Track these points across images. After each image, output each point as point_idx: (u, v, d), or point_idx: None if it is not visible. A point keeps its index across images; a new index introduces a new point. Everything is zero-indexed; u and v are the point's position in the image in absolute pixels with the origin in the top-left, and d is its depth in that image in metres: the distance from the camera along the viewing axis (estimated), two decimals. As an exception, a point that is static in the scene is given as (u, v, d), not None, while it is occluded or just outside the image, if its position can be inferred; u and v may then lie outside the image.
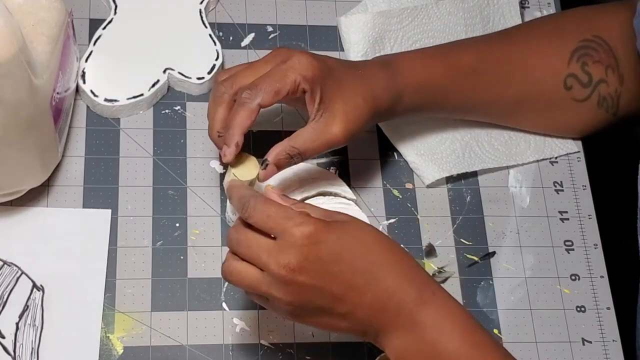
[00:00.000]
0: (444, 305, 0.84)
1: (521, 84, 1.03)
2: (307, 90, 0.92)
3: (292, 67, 0.91)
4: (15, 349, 0.93)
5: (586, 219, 1.07)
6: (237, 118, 0.91)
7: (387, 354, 0.84)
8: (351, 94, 0.94)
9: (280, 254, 0.81)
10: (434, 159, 1.07)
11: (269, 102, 0.91)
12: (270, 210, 0.83)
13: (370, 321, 0.83)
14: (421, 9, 1.12)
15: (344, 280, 0.82)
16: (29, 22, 0.93)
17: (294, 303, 0.83)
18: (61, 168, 1.02)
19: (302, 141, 0.92)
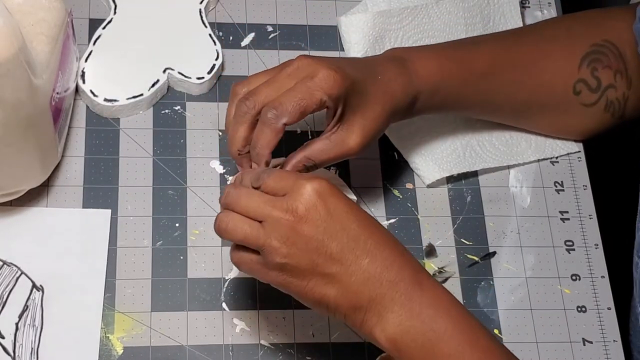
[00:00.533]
0: (436, 290, 0.83)
1: (532, 88, 1.04)
2: (331, 107, 0.91)
3: (319, 86, 0.89)
4: (14, 349, 0.93)
5: (587, 219, 1.07)
6: (264, 138, 0.89)
7: (377, 335, 0.82)
8: (372, 105, 0.93)
9: (286, 202, 0.81)
10: (435, 158, 1.07)
11: (294, 121, 0.89)
12: (283, 173, 0.84)
13: (362, 292, 0.81)
14: (421, 8, 1.12)
15: (344, 239, 0.81)
16: (29, 22, 0.92)
17: (290, 255, 0.81)
18: (61, 168, 1.02)
19: (317, 153, 0.92)
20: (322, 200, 0.82)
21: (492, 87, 1.03)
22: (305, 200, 0.81)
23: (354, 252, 0.82)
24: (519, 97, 1.04)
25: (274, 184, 0.83)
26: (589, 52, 1.03)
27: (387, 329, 0.82)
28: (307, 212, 0.81)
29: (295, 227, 0.81)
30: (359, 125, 0.92)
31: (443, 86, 0.99)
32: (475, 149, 1.08)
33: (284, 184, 0.83)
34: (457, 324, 0.82)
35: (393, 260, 0.82)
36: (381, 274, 0.82)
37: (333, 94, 0.89)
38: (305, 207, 0.81)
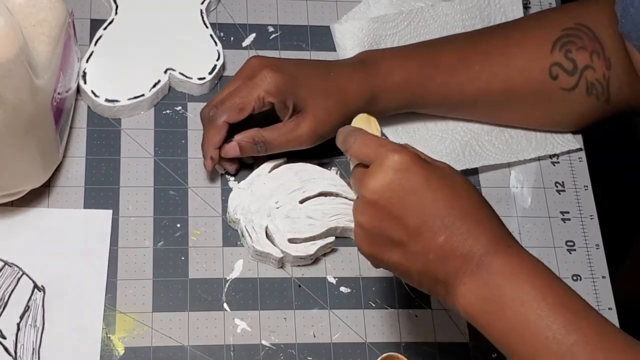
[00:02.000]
0: (518, 258, 0.82)
1: (506, 77, 1.03)
2: (275, 102, 0.98)
3: (256, 84, 0.99)
4: (16, 349, 0.93)
5: (588, 219, 1.07)
6: (207, 135, 1.00)
7: (456, 307, 0.82)
8: (322, 98, 0.99)
9: (368, 177, 0.82)
10: (434, 157, 1.06)
11: (234, 119, 0.99)
12: (368, 139, 0.85)
13: (440, 267, 0.82)
14: (417, 12, 1.11)
15: (421, 215, 0.81)
16: (30, 22, 0.92)
17: (371, 229, 0.83)
18: (62, 168, 1.02)
19: (270, 132, 0.99)
20: (399, 173, 0.81)
21: (463, 81, 1.03)
22: (383, 175, 0.82)
23: (431, 228, 0.81)
24: (494, 88, 1.04)
25: (359, 152, 0.85)
26: (560, 36, 1.03)
27: (460, 300, 0.82)
28: (383, 189, 0.82)
29: (374, 201, 0.82)
30: (310, 115, 0.99)
31: (405, 84, 1.02)
32: (475, 148, 1.08)
33: (367, 152, 0.84)
34: (531, 288, 0.81)
35: (469, 232, 0.81)
36: (456, 249, 0.81)
37: (271, 90, 0.98)
38: (383, 182, 0.82)
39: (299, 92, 0.99)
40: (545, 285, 0.81)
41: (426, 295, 1.01)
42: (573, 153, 1.11)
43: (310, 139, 1.00)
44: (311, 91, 1.00)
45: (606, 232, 1.07)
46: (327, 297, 0.99)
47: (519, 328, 0.81)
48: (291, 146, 1.00)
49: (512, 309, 0.81)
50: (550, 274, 0.83)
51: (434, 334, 0.99)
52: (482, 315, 0.82)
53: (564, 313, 0.80)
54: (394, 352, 0.95)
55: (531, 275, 0.81)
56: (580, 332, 0.80)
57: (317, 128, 1.00)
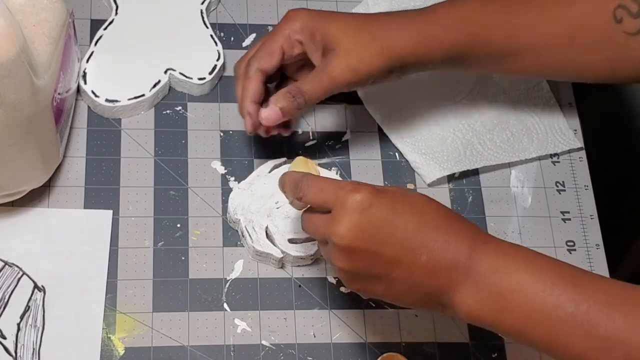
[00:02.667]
0: (497, 250, 0.82)
1: (567, 21, 0.97)
2: (304, 41, 0.93)
3: (284, 25, 0.94)
4: (16, 349, 0.93)
5: (588, 219, 1.07)
6: (244, 88, 0.95)
7: (458, 317, 0.83)
8: (357, 29, 0.93)
9: (334, 223, 0.82)
10: (435, 157, 1.07)
11: (267, 65, 0.94)
12: (322, 184, 0.84)
13: (429, 284, 0.82)
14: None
15: (397, 243, 0.81)
16: (30, 22, 0.93)
17: (352, 270, 0.83)
18: (62, 168, 1.02)
19: (303, 81, 0.93)
20: (365, 212, 0.81)
21: (524, 23, 0.97)
22: (350, 219, 0.81)
23: (410, 252, 0.81)
24: (556, 32, 0.97)
25: (316, 198, 0.84)
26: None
27: (461, 308, 0.82)
28: (354, 231, 0.81)
29: (348, 246, 0.82)
30: (342, 48, 0.92)
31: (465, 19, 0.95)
32: (476, 147, 1.08)
33: (325, 198, 0.83)
34: (526, 275, 0.81)
35: (447, 243, 0.81)
36: (440, 263, 0.81)
37: (297, 27, 0.93)
38: (351, 226, 0.81)
39: (328, 27, 0.93)
40: (535, 267, 0.81)
41: (426, 295, 1.01)
42: (574, 153, 1.11)
43: (345, 75, 0.92)
44: (343, 26, 0.93)
45: (606, 232, 1.07)
46: (327, 297, 0.99)
47: (529, 318, 0.80)
48: (328, 88, 0.92)
49: (515, 301, 0.80)
50: (534, 254, 0.83)
51: (434, 334, 0.99)
52: (488, 316, 0.82)
53: (565, 287, 0.80)
54: (394, 352, 0.95)
55: (519, 262, 0.81)
56: (589, 299, 0.79)
57: (350, 61, 0.92)
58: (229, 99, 1.08)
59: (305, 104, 0.93)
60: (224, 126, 1.07)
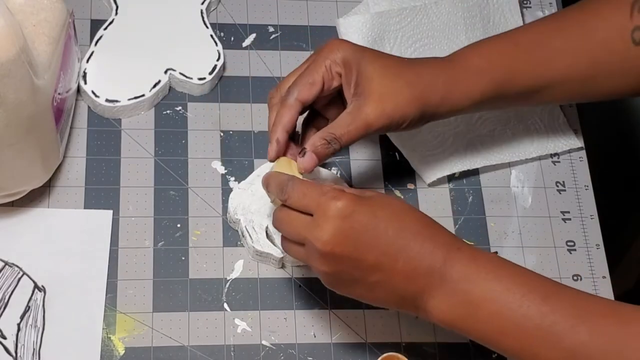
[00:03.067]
0: (471, 257, 0.84)
1: (587, 51, 0.98)
2: (342, 73, 0.92)
3: (324, 55, 0.92)
4: (16, 349, 0.93)
5: (588, 219, 1.07)
6: (278, 116, 0.92)
7: (432, 320, 0.85)
8: (391, 76, 0.92)
9: (316, 228, 0.83)
10: (436, 157, 1.07)
11: (306, 95, 0.91)
12: (306, 189, 0.85)
13: (406, 288, 0.84)
14: (420, 9, 1.12)
15: (377, 248, 0.83)
16: (30, 23, 0.93)
17: (332, 274, 0.85)
18: (62, 169, 1.02)
19: (337, 126, 0.91)
20: (347, 219, 0.83)
21: (546, 58, 0.98)
22: (331, 225, 0.83)
23: (390, 257, 0.83)
24: (579, 62, 0.98)
25: (299, 202, 0.85)
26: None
27: (434, 312, 0.84)
28: (335, 237, 0.83)
29: (329, 251, 0.83)
30: (376, 93, 0.91)
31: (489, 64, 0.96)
32: (477, 147, 1.08)
33: (308, 202, 0.84)
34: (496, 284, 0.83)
35: (424, 253, 0.83)
36: (417, 268, 0.83)
37: (338, 59, 0.91)
38: (333, 232, 0.83)
39: (365, 67, 0.92)
40: (507, 277, 0.83)
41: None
42: (574, 153, 1.11)
43: (379, 120, 0.91)
44: (381, 68, 0.92)
45: (606, 232, 1.07)
46: (328, 297, 0.99)
47: (498, 327, 0.82)
48: (363, 132, 0.91)
49: (486, 309, 0.83)
50: (506, 263, 0.85)
51: (434, 334, 0.99)
52: (459, 321, 0.84)
53: (534, 299, 0.82)
54: (394, 352, 0.95)
55: (490, 271, 0.83)
56: (556, 312, 0.81)
57: (385, 107, 0.91)
58: (229, 99, 1.08)
59: (339, 149, 0.92)
60: (224, 126, 1.07)
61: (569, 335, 0.80)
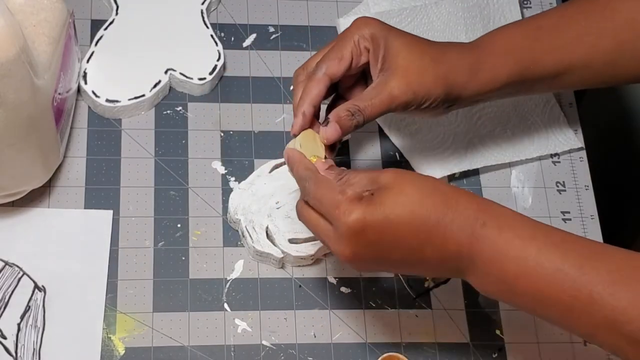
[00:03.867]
0: (497, 233, 0.83)
1: (613, 32, 0.97)
2: (370, 49, 0.91)
3: (352, 31, 0.92)
4: (16, 349, 0.93)
5: (588, 219, 1.07)
6: (305, 90, 0.91)
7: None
8: (418, 52, 0.92)
9: (336, 241, 0.84)
10: (436, 157, 1.07)
11: (335, 70, 0.91)
12: (321, 195, 0.84)
13: (440, 269, 0.85)
14: (420, 9, 1.12)
15: (399, 249, 0.83)
16: (30, 23, 0.93)
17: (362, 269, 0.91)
18: (63, 169, 1.02)
19: (362, 98, 0.91)
20: (360, 237, 0.83)
21: (571, 39, 0.97)
22: (348, 241, 0.83)
23: (414, 250, 0.83)
24: (604, 44, 0.97)
25: (317, 208, 0.85)
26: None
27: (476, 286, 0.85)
28: (354, 251, 0.83)
29: (353, 261, 0.85)
30: (401, 67, 0.91)
31: (513, 46, 0.96)
32: (477, 147, 1.08)
33: (324, 211, 0.84)
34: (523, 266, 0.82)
35: (448, 238, 0.83)
36: (444, 255, 0.83)
37: (366, 34, 0.91)
38: (351, 248, 0.83)
39: (392, 42, 0.91)
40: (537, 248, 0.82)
41: (426, 296, 1.01)
42: (574, 153, 1.11)
43: (405, 95, 0.90)
44: (407, 44, 0.92)
45: (606, 232, 1.07)
46: (328, 298, 0.99)
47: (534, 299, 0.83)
48: (387, 106, 0.91)
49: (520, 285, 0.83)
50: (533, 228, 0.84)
51: (434, 334, 0.99)
52: (498, 295, 0.85)
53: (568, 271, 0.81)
54: (394, 352, 0.95)
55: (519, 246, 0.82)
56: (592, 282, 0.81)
57: (410, 81, 0.91)
58: (229, 99, 1.08)
59: (364, 122, 0.91)
60: (224, 126, 1.07)
61: (609, 303, 0.80)
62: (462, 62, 0.94)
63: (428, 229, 0.83)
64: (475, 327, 1.00)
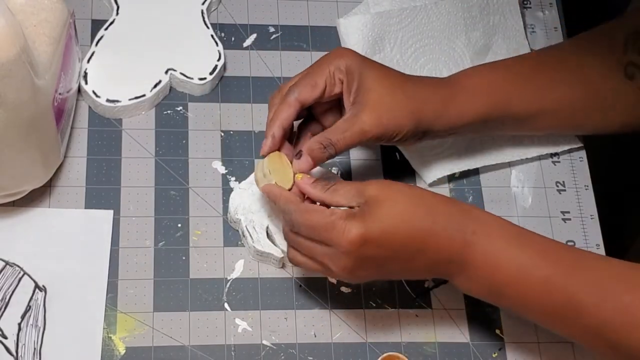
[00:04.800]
0: (487, 241, 0.88)
1: (584, 82, 1.01)
2: (344, 80, 0.93)
3: (328, 61, 0.94)
4: (17, 349, 0.93)
5: (588, 219, 1.07)
6: (276, 112, 0.94)
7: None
8: (391, 87, 0.94)
9: (337, 259, 0.87)
10: (436, 157, 1.07)
11: (307, 96, 0.93)
12: (312, 222, 0.88)
13: (429, 273, 0.91)
14: (421, 9, 1.12)
15: (396, 258, 0.88)
16: (31, 23, 0.93)
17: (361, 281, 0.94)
18: (63, 169, 1.02)
19: (334, 132, 0.93)
20: (361, 248, 0.86)
21: (543, 86, 1.00)
22: (348, 257, 0.87)
23: (409, 260, 0.88)
24: (574, 93, 1.01)
25: (309, 235, 0.89)
26: (630, 33, 1.00)
27: (462, 289, 0.91)
28: (355, 265, 0.87)
29: (354, 276, 0.89)
30: (373, 101, 0.93)
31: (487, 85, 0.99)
32: (477, 147, 1.08)
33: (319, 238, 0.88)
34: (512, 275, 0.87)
35: (443, 243, 0.87)
36: (438, 260, 0.88)
37: (342, 66, 0.93)
38: (352, 263, 0.87)
39: (366, 77, 0.94)
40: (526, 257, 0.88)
41: (426, 295, 1.01)
42: (574, 152, 1.11)
43: (375, 129, 0.93)
44: (380, 78, 0.94)
45: (606, 232, 1.07)
46: (328, 297, 1.00)
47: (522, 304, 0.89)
48: (358, 139, 0.93)
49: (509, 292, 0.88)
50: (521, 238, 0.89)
51: (434, 334, 0.99)
52: (486, 298, 0.91)
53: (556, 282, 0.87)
54: (394, 352, 0.95)
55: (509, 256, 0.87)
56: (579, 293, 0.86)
57: (381, 116, 0.93)
58: (229, 99, 1.08)
59: (335, 154, 0.93)
60: (224, 126, 1.07)
61: (594, 313, 0.85)
62: (434, 98, 0.96)
63: (422, 237, 0.87)
64: (475, 326, 1.00)
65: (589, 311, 0.85)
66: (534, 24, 1.17)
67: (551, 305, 0.87)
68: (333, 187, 0.89)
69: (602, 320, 0.85)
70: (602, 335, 0.86)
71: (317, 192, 0.90)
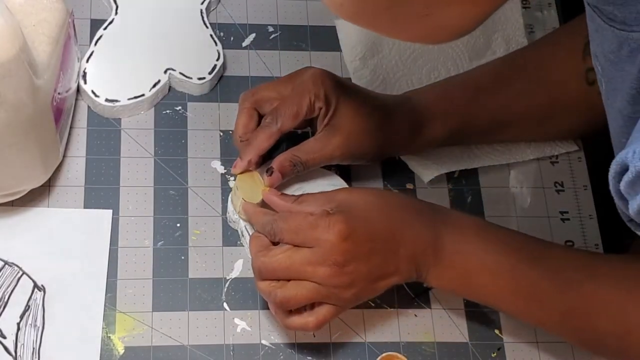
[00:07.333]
0: (458, 231, 0.92)
1: (545, 91, 1.03)
2: (322, 107, 0.97)
3: (307, 87, 0.97)
4: (16, 349, 0.93)
5: (587, 219, 1.07)
6: (257, 139, 0.97)
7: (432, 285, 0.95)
8: (364, 116, 0.98)
9: (323, 259, 0.89)
10: (432, 157, 1.07)
11: (289, 126, 0.97)
12: (294, 225, 0.90)
13: (409, 269, 0.91)
14: (421, 9, 1.11)
15: (381, 249, 0.90)
16: (30, 22, 0.93)
17: (354, 286, 0.90)
18: (62, 168, 1.02)
19: (304, 151, 0.97)
20: (349, 239, 0.89)
21: (506, 100, 1.03)
22: (337, 250, 0.89)
23: (392, 251, 0.91)
24: (537, 103, 1.04)
25: (294, 240, 0.90)
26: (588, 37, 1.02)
27: (434, 283, 0.93)
28: (345, 258, 0.89)
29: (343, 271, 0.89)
30: (344, 127, 0.98)
31: (452, 109, 1.02)
32: (474, 151, 1.08)
33: (303, 239, 0.89)
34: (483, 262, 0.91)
35: (416, 236, 0.91)
36: (415, 251, 0.91)
37: (320, 93, 0.97)
38: (342, 256, 0.89)
39: (342, 104, 0.98)
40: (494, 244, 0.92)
41: (426, 295, 1.01)
42: (572, 153, 1.11)
43: (342, 156, 0.98)
44: (353, 109, 0.98)
45: (605, 232, 1.07)
46: (327, 297, 0.99)
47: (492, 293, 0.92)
48: (327, 161, 0.99)
49: (480, 279, 0.91)
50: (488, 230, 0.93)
51: (433, 334, 0.99)
52: (458, 290, 0.94)
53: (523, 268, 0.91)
54: (393, 351, 0.95)
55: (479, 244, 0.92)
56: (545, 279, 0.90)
57: (349, 142, 0.98)
58: (229, 98, 1.08)
59: (304, 170, 0.98)
60: (223, 126, 1.07)
61: (558, 299, 0.90)
62: (403, 127, 1.01)
63: (400, 227, 0.91)
64: (474, 326, 1.00)
65: (553, 297, 0.89)
66: (532, 24, 1.17)
67: (517, 291, 0.91)
68: (301, 199, 0.93)
69: (566, 307, 0.90)
70: (566, 322, 0.90)
71: (286, 204, 0.93)
